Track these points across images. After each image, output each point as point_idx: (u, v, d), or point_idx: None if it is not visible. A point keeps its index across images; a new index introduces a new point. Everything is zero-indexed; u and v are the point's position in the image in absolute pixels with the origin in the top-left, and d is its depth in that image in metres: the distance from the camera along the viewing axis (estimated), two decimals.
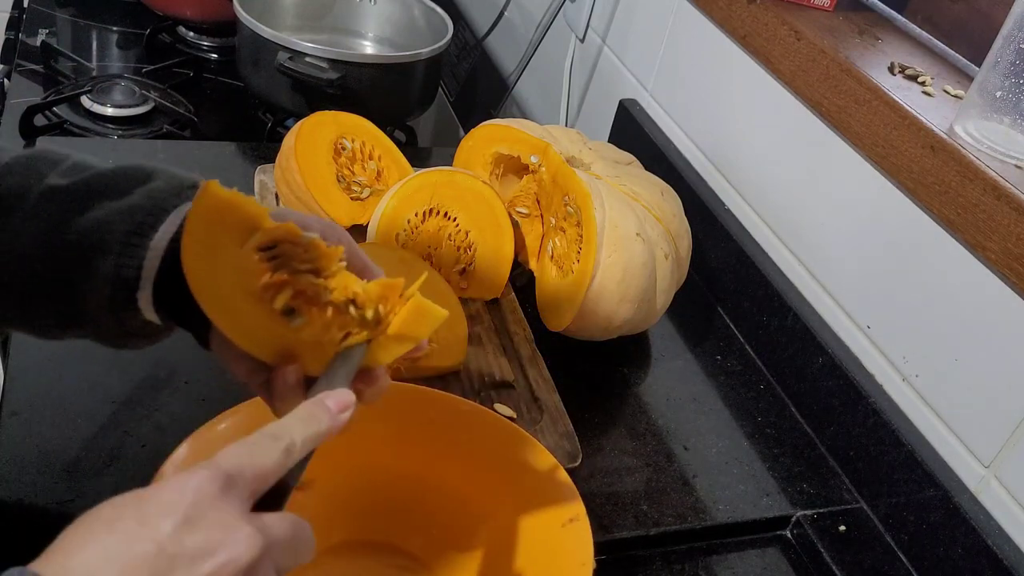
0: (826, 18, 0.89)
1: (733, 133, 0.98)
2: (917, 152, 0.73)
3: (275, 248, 0.48)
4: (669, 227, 0.84)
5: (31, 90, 1.22)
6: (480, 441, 0.64)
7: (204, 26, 1.39)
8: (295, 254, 0.49)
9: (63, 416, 0.67)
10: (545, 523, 0.60)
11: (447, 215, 0.85)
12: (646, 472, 0.75)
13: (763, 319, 0.89)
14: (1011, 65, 0.68)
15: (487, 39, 1.51)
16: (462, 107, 1.47)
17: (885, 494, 0.75)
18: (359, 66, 1.12)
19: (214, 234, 0.46)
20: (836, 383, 0.80)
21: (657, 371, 0.87)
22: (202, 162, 1.01)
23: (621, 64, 1.17)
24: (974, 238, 0.68)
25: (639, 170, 0.91)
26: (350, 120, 0.93)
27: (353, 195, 0.90)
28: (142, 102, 1.20)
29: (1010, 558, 0.64)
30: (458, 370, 0.77)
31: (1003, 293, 0.68)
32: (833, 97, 0.81)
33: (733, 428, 0.82)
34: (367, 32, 1.35)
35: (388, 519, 0.64)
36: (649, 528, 0.70)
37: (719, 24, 0.98)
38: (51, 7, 1.43)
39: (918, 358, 0.76)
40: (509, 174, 0.93)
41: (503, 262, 0.86)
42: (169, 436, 0.68)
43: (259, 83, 1.16)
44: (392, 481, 0.64)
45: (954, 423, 0.72)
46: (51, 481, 0.62)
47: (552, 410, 0.76)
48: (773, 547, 0.73)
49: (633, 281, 0.78)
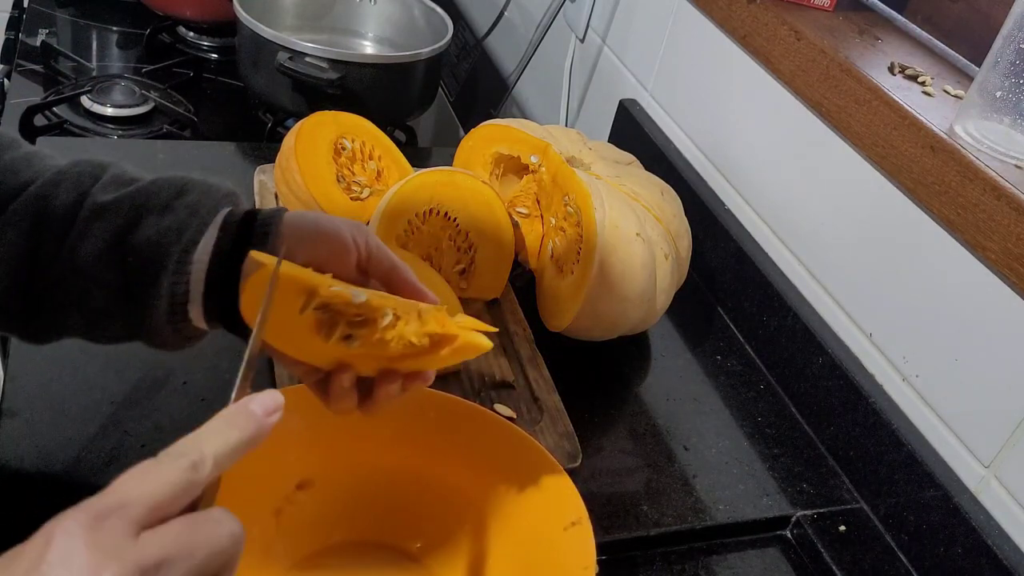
0: (826, 18, 0.89)
1: (733, 133, 0.98)
2: (917, 152, 0.73)
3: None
4: (669, 227, 0.84)
5: (31, 90, 1.22)
6: (481, 443, 0.64)
7: (204, 26, 1.39)
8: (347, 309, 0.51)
9: (63, 416, 0.67)
10: (547, 526, 0.60)
11: (447, 215, 0.85)
12: (646, 472, 0.75)
13: (763, 319, 0.89)
14: (1011, 65, 0.68)
15: (487, 39, 1.51)
16: (462, 107, 1.47)
17: (885, 494, 0.75)
18: (359, 66, 1.12)
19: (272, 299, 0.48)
20: (836, 383, 0.80)
21: (657, 371, 0.87)
22: (202, 162, 1.01)
23: (621, 64, 1.17)
24: (974, 238, 0.68)
25: (639, 170, 0.91)
26: (350, 120, 0.93)
27: (353, 195, 0.90)
28: (142, 102, 1.20)
29: (1010, 558, 0.64)
30: (458, 370, 0.77)
31: (1003, 293, 0.68)
32: (833, 97, 0.81)
33: (733, 428, 0.82)
34: (367, 32, 1.35)
35: (388, 520, 0.63)
36: (649, 528, 0.70)
37: (719, 24, 0.98)
38: (51, 7, 1.43)
39: (918, 358, 0.76)
40: (509, 174, 0.92)
41: (503, 262, 0.86)
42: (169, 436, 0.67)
43: (259, 83, 1.16)
44: (392, 482, 0.64)
45: (954, 423, 0.72)
46: (51, 481, 0.62)
47: (552, 410, 0.76)
48: (773, 547, 0.73)
49: (633, 281, 0.78)
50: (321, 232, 0.54)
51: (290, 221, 0.55)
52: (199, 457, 0.38)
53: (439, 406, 0.65)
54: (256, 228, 0.54)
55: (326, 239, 0.54)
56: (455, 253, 0.85)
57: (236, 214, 0.55)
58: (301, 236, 0.54)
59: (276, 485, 0.61)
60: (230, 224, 0.54)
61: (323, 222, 0.55)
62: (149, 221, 0.53)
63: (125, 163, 0.58)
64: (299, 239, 0.54)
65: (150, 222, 0.53)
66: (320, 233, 0.54)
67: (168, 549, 0.35)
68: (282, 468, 0.60)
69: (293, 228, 0.54)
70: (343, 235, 0.54)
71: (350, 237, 0.54)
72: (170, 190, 0.55)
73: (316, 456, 0.62)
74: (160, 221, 0.53)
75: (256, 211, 0.56)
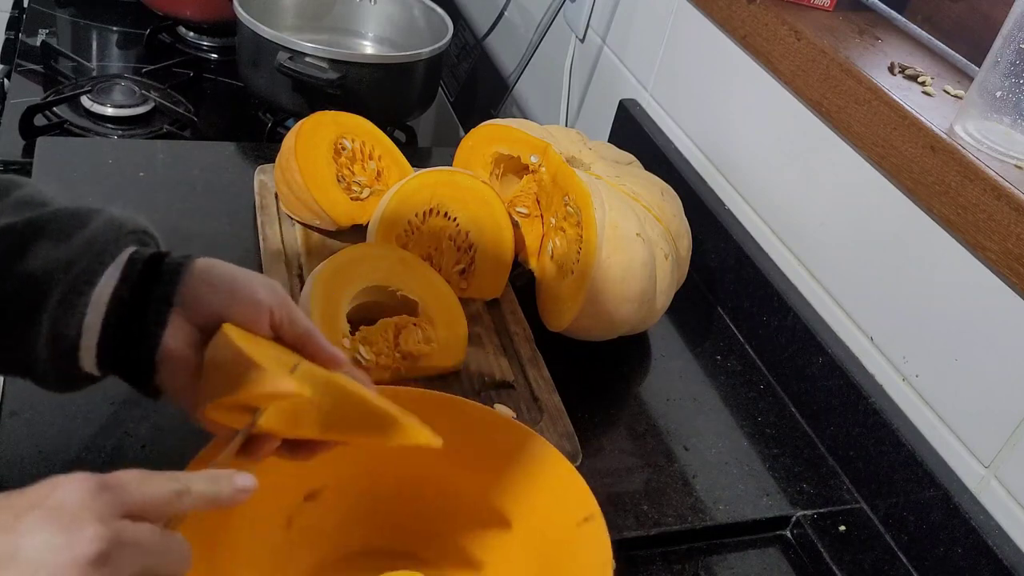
0: (826, 18, 0.89)
1: (733, 133, 0.98)
2: (917, 152, 0.73)
3: None
4: (669, 227, 0.84)
5: (31, 90, 1.22)
6: (488, 443, 0.63)
7: (204, 26, 1.40)
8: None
9: (63, 416, 0.67)
10: (560, 523, 0.59)
11: (447, 215, 0.85)
12: (646, 472, 0.75)
13: (763, 319, 0.89)
14: (1011, 65, 0.68)
15: (487, 39, 1.51)
16: (462, 107, 1.47)
17: (885, 494, 0.75)
18: (359, 66, 1.12)
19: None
20: (836, 383, 0.80)
21: (657, 371, 0.87)
22: (202, 162, 1.01)
23: (621, 64, 1.17)
24: (974, 238, 0.68)
25: (639, 170, 0.91)
26: (350, 120, 0.93)
27: (353, 195, 0.90)
28: (142, 102, 1.20)
29: (1010, 558, 0.64)
30: (458, 370, 0.77)
31: (1003, 293, 0.68)
32: (833, 97, 0.81)
33: (733, 428, 0.82)
34: (367, 32, 1.35)
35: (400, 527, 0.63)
36: (649, 528, 0.70)
37: (719, 24, 0.98)
38: (51, 7, 1.43)
39: (918, 358, 0.76)
40: (509, 174, 0.92)
41: (503, 262, 0.86)
42: (169, 436, 0.68)
43: (259, 83, 1.16)
44: (401, 488, 0.63)
45: (954, 423, 0.72)
46: None
47: (552, 410, 0.76)
48: (773, 547, 0.73)
49: (633, 281, 0.78)
50: (236, 288, 0.52)
51: (202, 270, 0.52)
52: (186, 489, 0.42)
53: (445, 408, 0.64)
54: (163, 273, 0.51)
55: (240, 296, 0.52)
56: (455, 253, 0.85)
57: (142, 254, 0.51)
58: (213, 288, 0.52)
59: (285, 497, 0.60)
60: (134, 264, 0.51)
61: (239, 278, 0.53)
62: (39, 249, 0.49)
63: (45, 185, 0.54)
64: (210, 291, 0.52)
65: (42, 251, 0.49)
66: (235, 289, 0.52)
67: (139, 538, 0.39)
68: (290, 480, 0.60)
69: (204, 278, 0.52)
70: (258, 295, 0.52)
71: (265, 298, 0.52)
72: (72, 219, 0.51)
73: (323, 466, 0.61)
74: (52, 253, 0.49)
75: (163, 254, 0.53)
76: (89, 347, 0.50)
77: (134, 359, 0.51)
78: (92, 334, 0.50)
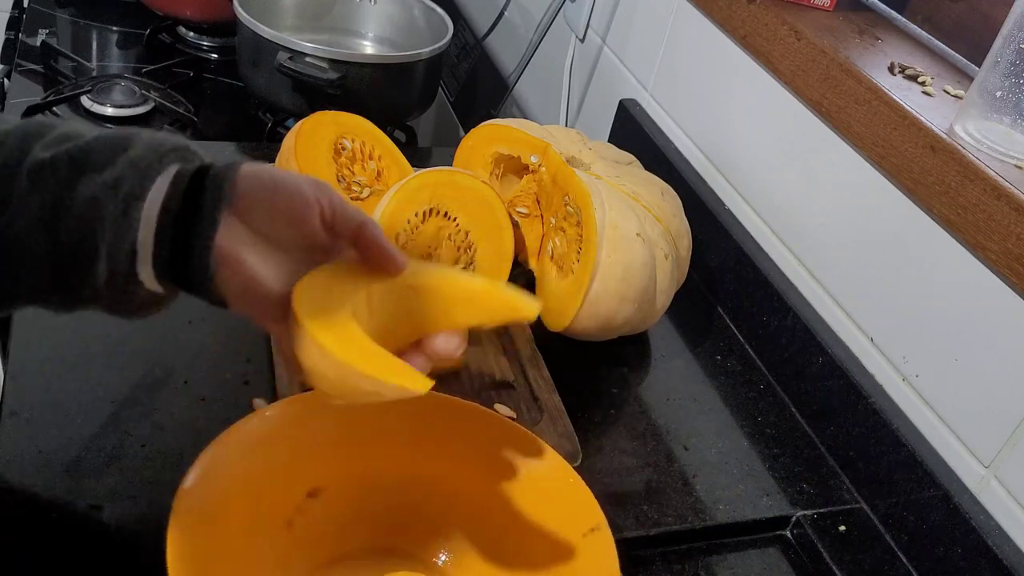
0: (826, 18, 0.89)
1: (733, 133, 0.98)
2: (917, 152, 0.73)
3: None
4: (669, 227, 0.84)
5: (31, 90, 1.22)
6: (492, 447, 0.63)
7: (204, 26, 1.39)
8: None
9: (63, 416, 0.67)
10: (564, 533, 0.59)
11: (447, 215, 0.85)
12: (646, 472, 0.75)
13: (763, 319, 0.89)
14: (1011, 65, 0.68)
15: (487, 39, 1.51)
16: (462, 107, 1.47)
17: (885, 494, 0.75)
18: (359, 66, 1.12)
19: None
20: (836, 383, 0.80)
21: (657, 371, 0.87)
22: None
23: (621, 64, 1.17)
24: (974, 238, 0.68)
25: (639, 170, 0.91)
26: (350, 120, 0.93)
27: (353, 195, 0.90)
28: (142, 102, 1.20)
29: (1010, 558, 0.64)
30: (458, 370, 0.77)
31: (1003, 293, 0.68)
32: (833, 97, 0.81)
33: (733, 428, 0.82)
34: (367, 32, 1.35)
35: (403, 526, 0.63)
36: (649, 528, 0.70)
37: (719, 24, 0.98)
38: (51, 7, 1.43)
39: (918, 358, 0.76)
40: (509, 174, 0.92)
41: (503, 262, 0.86)
42: (169, 436, 0.68)
43: (259, 83, 1.16)
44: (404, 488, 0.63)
45: (954, 423, 0.72)
46: (51, 481, 0.62)
47: (552, 410, 0.76)
48: (773, 547, 0.73)
49: (633, 281, 0.78)
50: (280, 189, 0.52)
51: (247, 176, 0.52)
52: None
53: (447, 410, 0.64)
54: (208, 184, 0.51)
55: (286, 196, 0.52)
56: (455, 253, 0.85)
57: (187, 169, 0.51)
58: (261, 183, 0.52)
59: (286, 495, 0.60)
60: (181, 179, 0.51)
61: (282, 179, 0.52)
62: (89, 179, 0.50)
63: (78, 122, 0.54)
64: (256, 196, 0.51)
65: (89, 180, 0.50)
66: (279, 190, 0.52)
67: None
68: (291, 477, 0.60)
69: (250, 184, 0.51)
70: (304, 192, 0.52)
71: (312, 195, 0.52)
72: (114, 143, 0.51)
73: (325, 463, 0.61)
74: (97, 177, 0.50)
75: (208, 165, 0.52)
76: (146, 259, 0.50)
77: (193, 266, 0.51)
78: (147, 247, 0.50)
